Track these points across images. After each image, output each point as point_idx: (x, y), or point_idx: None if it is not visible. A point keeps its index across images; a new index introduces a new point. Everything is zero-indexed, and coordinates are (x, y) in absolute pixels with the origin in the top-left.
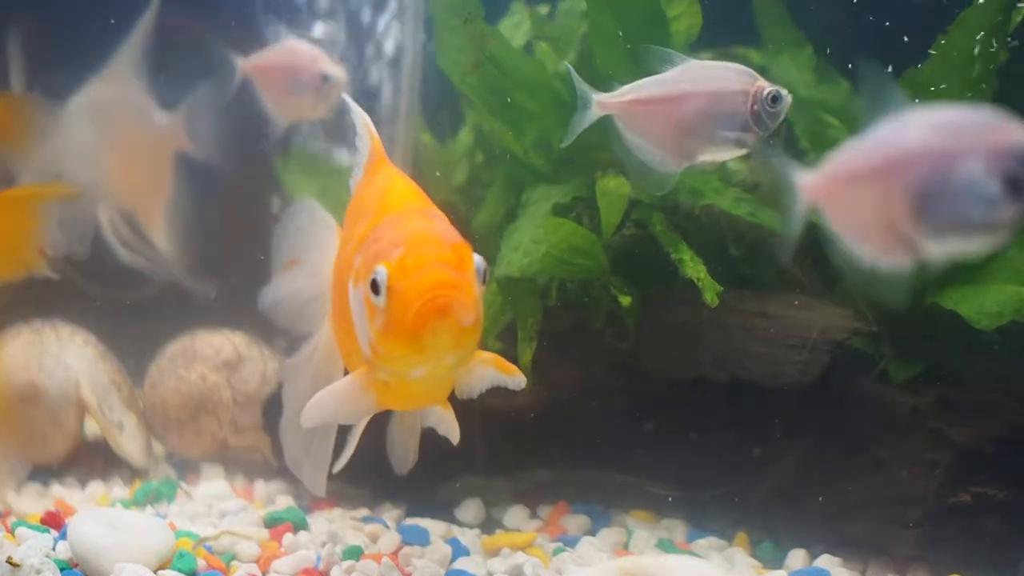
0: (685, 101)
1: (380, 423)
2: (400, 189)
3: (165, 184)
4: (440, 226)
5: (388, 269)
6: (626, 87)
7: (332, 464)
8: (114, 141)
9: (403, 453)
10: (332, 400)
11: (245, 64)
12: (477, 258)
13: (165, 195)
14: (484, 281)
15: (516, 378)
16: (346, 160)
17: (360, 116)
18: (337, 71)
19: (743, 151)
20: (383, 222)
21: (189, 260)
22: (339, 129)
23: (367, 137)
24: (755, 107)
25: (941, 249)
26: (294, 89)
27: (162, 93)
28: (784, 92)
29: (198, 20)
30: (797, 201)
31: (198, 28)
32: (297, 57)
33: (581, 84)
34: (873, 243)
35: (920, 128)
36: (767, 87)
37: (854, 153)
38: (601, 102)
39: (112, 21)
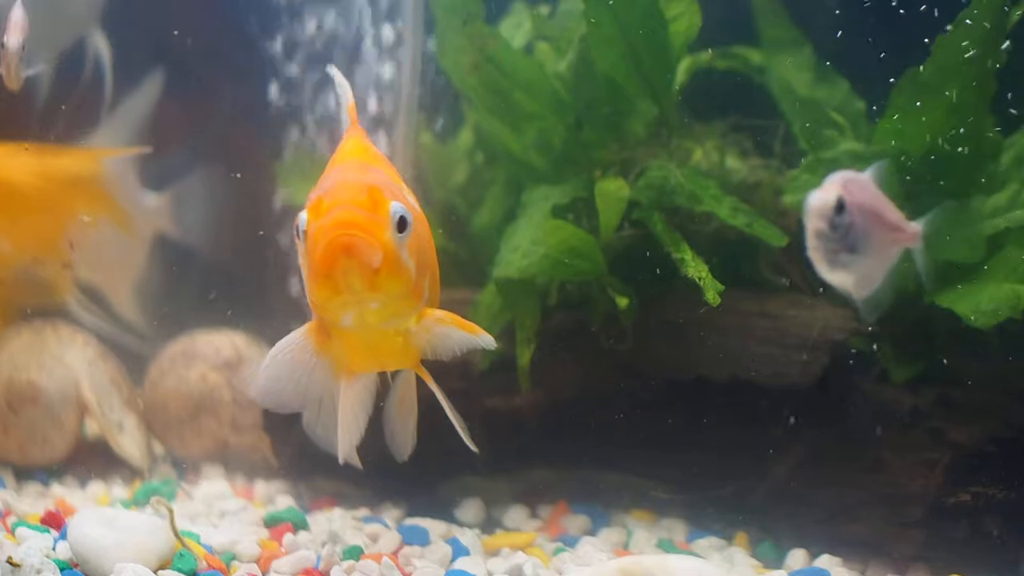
0: None
1: (377, 422)
2: (347, 147)
3: (137, 263)
4: (366, 175)
5: (307, 213)
6: None
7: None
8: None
9: (402, 437)
10: (280, 355)
11: None
12: (396, 205)
13: (135, 273)
14: (403, 229)
15: (484, 337)
16: None
17: (344, 90)
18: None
19: None
20: (322, 177)
21: (158, 329)
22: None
23: (347, 108)
24: None
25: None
26: None
27: (151, 172)
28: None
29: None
30: None
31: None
32: None
33: None
34: None
35: None
36: None
37: None
38: None
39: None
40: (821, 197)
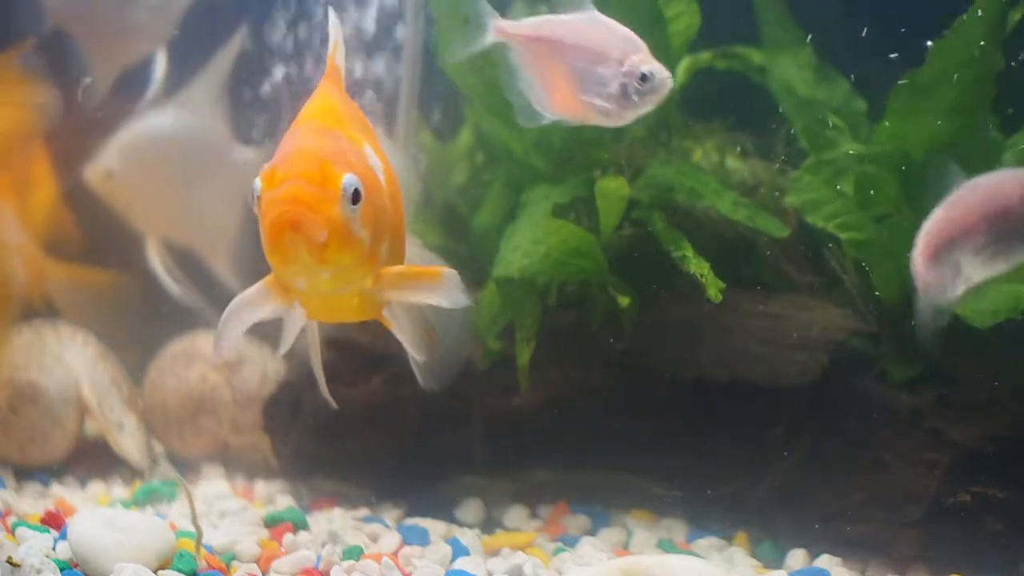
0: (571, 52)
1: (376, 422)
2: (311, 107)
3: (233, 221)
4: (321, 143)
5: (260, 180)
6: (528, 20)
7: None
8: (177, 172)
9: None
10: (241, 306)
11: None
12: (348, 178)
13: (232, 232)
14: (356, 201)
15: (448, 275)
16: None
17: (332, 39)
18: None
19: (607, 121)
20: (283, 138)
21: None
22: None
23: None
24: (624, 80)
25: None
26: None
27: (247, 126)
28: (660, 73)
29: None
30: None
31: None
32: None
33: (481, 3)
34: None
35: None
36: (644, 63)
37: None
38: (499, 28)
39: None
40: None
